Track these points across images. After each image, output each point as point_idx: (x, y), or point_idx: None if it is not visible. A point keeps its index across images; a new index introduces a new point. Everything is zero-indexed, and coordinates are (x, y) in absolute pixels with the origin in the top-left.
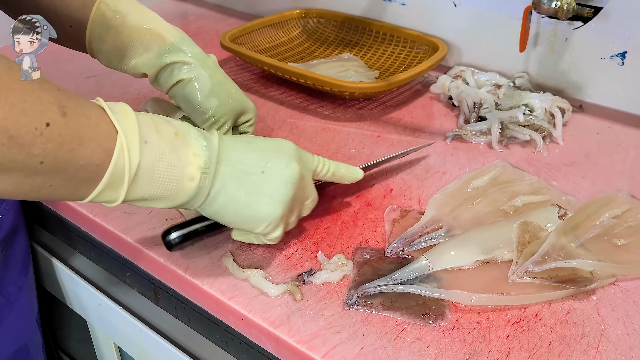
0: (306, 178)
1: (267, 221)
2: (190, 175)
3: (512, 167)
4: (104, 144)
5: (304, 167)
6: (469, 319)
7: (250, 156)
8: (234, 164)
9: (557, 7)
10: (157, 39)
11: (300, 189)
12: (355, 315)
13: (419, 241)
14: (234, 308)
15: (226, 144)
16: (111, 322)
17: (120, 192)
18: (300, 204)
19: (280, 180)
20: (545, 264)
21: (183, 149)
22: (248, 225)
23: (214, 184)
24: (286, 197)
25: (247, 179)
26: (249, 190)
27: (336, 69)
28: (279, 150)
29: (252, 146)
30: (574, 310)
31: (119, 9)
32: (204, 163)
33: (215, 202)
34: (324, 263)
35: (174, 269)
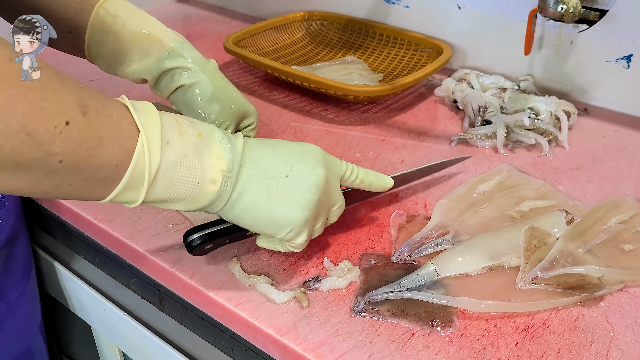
0: (332, 183)
1: (290, 226)
2: (212, 179)
3: (517, 172)
4: (124, 143)
5: (330, 172)
6: (477, 326)
7: (275, 159)
8: (257, 167)
9: (563, 10)
10: (156, 44)
11: (325, 195)
12: (363, 323)
13: (425, 247)
14: (240, 315)
15: (251, 147)
16: (115, 328)
17: (140, 193)
18: (326, 211)
19: (305, 185)
20: (553, 270)
21: (206, 151)
22: (270, 230)
23: (236, 188)
24: (310, 202)
25: (270, 183)
26: (272, 195)
27: (340, 72)
28: (305, 155)
29: (277, 149)
30: (582, 317)
31: (118, 14)
32: (226, 166)
33: (237, 205)
34: (330, 269)
35: (180, 276)
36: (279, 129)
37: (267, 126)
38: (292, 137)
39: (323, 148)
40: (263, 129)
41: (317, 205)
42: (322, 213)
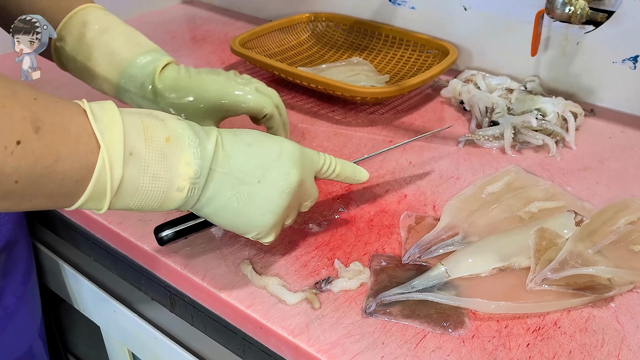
0: (307, 181)
1: (259, 230)
2: (178, 187)
3: (525, 172)
4: (84, 159)
5: (306, 170)
6: (488, 327)
7: (248, 162)
8: (229, 171)
9: (571, 12)
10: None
11: (297, 196)
12: (374, 324)
13: (435, 248)
14: (252, 316)
15: (225, 147)
16: (126, 329)
17: (103, 204)
18: (297, 207)
19: (276, 190)
20: (563, 271)
21: (173, 158)
22: (239, 230)
23: (205, 192)
24: (280, 207)
25: (241, 188)
26: (242, 200)
27: (346, 74)
28: (281, 157)
29: (253, 150)
30: (593, 317)
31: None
32: (194, 173)
33: (206, 208)
34: (341, 270)
35: (191, 277)
36: None
37: None
38: (300, 139)
39: (331, 149)
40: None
41: (288, 208)
42: (293, 211)
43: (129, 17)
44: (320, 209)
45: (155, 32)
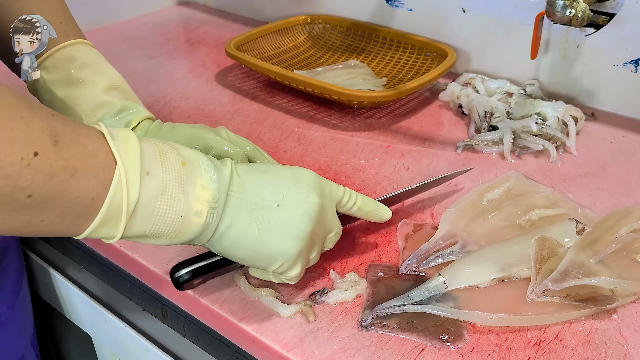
0: (328, 210)
1: (283, 259)
2: (197, 211)
3: (525, 179)
4: (101, 175)
5: (325, 198)
6: (488, 340)
7: (265, 187)
8: (246, 196)
9: (572, 15)
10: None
11: (320, 223)
12: (371, 337)
13: (433, 258)
14: (245, 330)
15: (240, 174)
16: (117, 339)
17: (118, 228)
18: (321, 239)
19: (297, 214)
20: (564, 282)
21: (190, 181)
22: (262, 263)
23: (223, 219)
24: (303, 232)
25: (261, 213)
26: (262, 225)
27: (343, 77)
28: (298, 181)
29: (269, 176)
30: (595, 330)
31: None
32: (212, 197)
33: (225, 238)
34: (337, 281)
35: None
36: (282, 135)
37: (270, 133)
38: (296, 144)
39: (327, 155)
40: (266, 135)
41: (312, 235)
42: (317, 242)
43: (124, 19)
44: None
45: (150, 34)
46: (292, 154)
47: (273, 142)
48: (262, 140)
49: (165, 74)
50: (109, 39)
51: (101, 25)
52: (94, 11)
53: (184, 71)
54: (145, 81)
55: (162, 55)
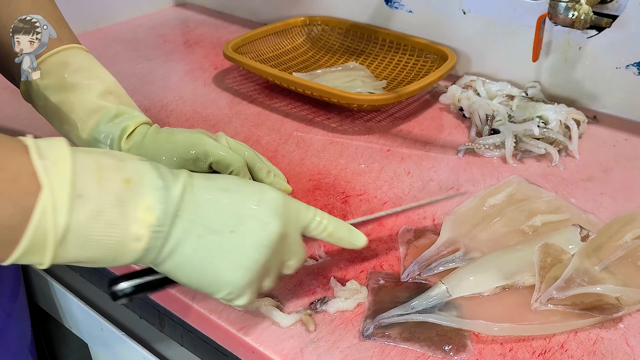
0: (291, 237)
1: (229, 289)
2: (135, 235)
3: (528, 183)
4: (22, 202)
5: (289, 225)
6: (492, 350)
7: (221, 210)
8: (197, 219)
9: (574, 17)
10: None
11: (278, 252)
12: (372, 347)
13: (435, 265)
14: (244, 340)
15: (194, 192)
16: (114, 348)
17: (45, 256)
18: (277, 266)
19: (252, 243)
20: (569, 290)
21: (131, 202)
22: (206, 289)
23: (168, 242)
24: (256, 263)
25: (211, 239)
26: (210, 253)
27: (342, 79)
28: (260, 204)
29: (227, 197)
30: (601, 339)
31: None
32: (156, 220)
33: (168, 261)
34: (337, 289)
35: (181, 298)
36: (280, 139)
37: (269, 136)
38: (295, 148)
39: (327, 159)
40: (264, 139)
41: (265, 265)
42: (272, 270)
43: (120, 21)
44: None
45: (147, 36)
46: (291, 158)
47: (272, 145)
48: (260, 144)
49: (162, 76)
50: (105, 41)
51: (97, 27)
52: (90, 13)
53: (181, 74)
54: (142, 84)
55: (159, 58)
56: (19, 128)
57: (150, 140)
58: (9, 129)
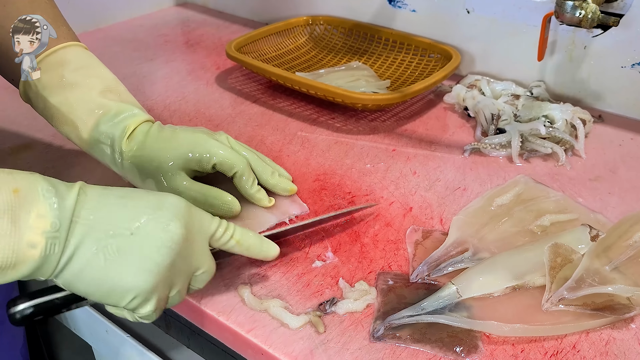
0: (196, 244)
1: (133, 294)
2: (30, 242)
3: (535, 183)
4: None
5: (193, 230)
6: (504, 351)
7: (120, 214)
8: (94, 223)
9: (581, 16)
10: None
11: (183, 257)
12: (383, 349)
13: (444, 265)
14: (253, 342)
15: (89, 199)
16: (118, 350)
17: None
18: (184, 276)
19: (153, 244)
20: (580, 290)
21: (24, 210)
22: (110, 299)
23: (67, 249)
24: (159, 265)
25: (110, 242)
26: (111, 256)
27: (346, 79)
28: (161, 209)
29: (126, 202)
30: (613, 340)
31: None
32: (51, 225)
33: (67, 270)
34: (346, 290)
35: (188, 299)
36: (285, 139)
37: (273, 136)
38: (300, 148)
39: (332, 159)
40: (269, 139)
41: (170, 269)
42: (179, 279)
43: (120, 21)
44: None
45: (147, 36)
46: (296, 158)
47: (276, 145)
48: (265, 144)
49: (163, 76)
50: (105, 41)
51: (97, 27)
52: (89, 13)
53: (182, 74)
54: (144, 84)
55: (160, 58)
56: (19, 129)
57: (153, 139)
58: (10, 130)
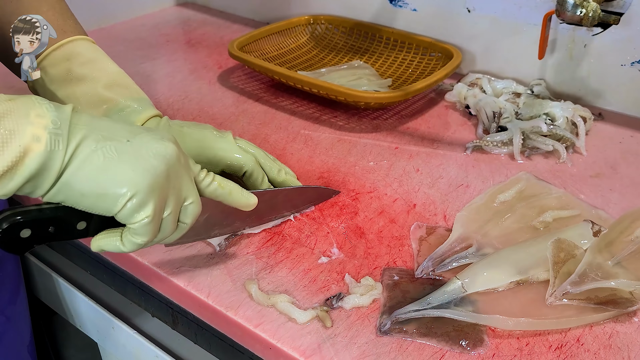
0: (184, 176)
1: (131, 191)
2: (34, 135)
3: (536, 180)
4: None
5: (181, 161)
6: (509, 344)
7: (117, 127)
8: (94, 128)
9: (582, 14)
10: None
11: (176, 175)
12: (390, 343)
13: (449, 261)
14: (261, 336)
15: (85, 115)
16: (125, 346)
17: None
18: (176, 199)
19: (150, 151)
20: (583, 285)
21: (21, 112)
22: (106, 199)
23: (68, 147)
24: (155, 168)
25: (109, 144)
26: (109, 154)
27: (348, 78)
28: (155, 131)
29: (122, 124)
30: (616, 333)
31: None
32: (52, 123)
33: (67, 169)
34: (352, 286)
35: (196, 294)
36: (288, 137)
37: (277, 134)
38: (303, 146)
39: (336, 157)
40: (272, 137)
41: (165, 179)
42: (172, 198)
43: (121, 20)
44: (327, 220)
45: (149, 35)
46: (300, 155)
47: (280, 144)
48: (268, 142)
49: (166, 75)
50: (107, 41)
51: (99, 26)
52: (90, 12)
53: (185, 73)
54: (147, 83)
55: (163, 57)
56: None
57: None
58: None
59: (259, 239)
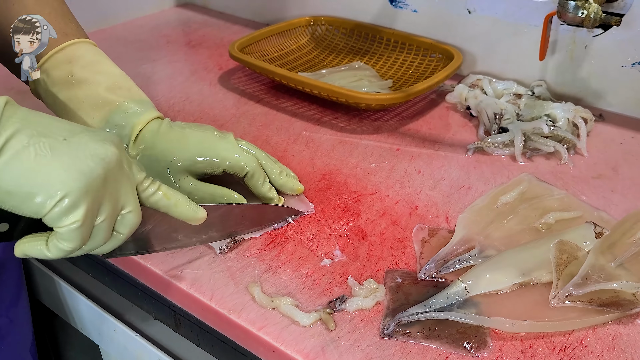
0: (124, 183)
1: (62, 192)
2: None
3: (538, 181)
4: None
5: (123, 168)
6: (512, 347)
7: (55, 124)
8: (28, 123)
9: (584, 15)
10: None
11: (115, 180)
12: (393, 346)
13: (451, 263)
14: (264, 339)
15: (21, 109)
16: (126, 349)
17: None
18: (113, 206)
19: (88, 152)
20: (586, 287)
21: None
22: (32, 201)
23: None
24: (92, 171)
25: (42, 140)
26: (42, 152)
27: (348, 79)
28: (97, 132)
29: (62, 121)
30: (620, 335)
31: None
32: None
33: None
34: (355, 288)
35: (198, 297)
36: (289, 138)
37: (278, 136)
38: (304, 147)
39: (337, 158)
40: (273, 139)
41: (102, 184)
42: (107, 205)
43: (121, 22)
44: (329, 222)
45: (149, 36)
46: (301, 157)
47: (281, 145)
48: (269, 144)
49: (167, 77)
50: (107, 42)
51: (98, 27)
52: (90, 14)
53: (186, 74)
54: (147, 84)
55: (163, 58)
56: None
57: (163, 139)
58: None
59: (261, 242)
